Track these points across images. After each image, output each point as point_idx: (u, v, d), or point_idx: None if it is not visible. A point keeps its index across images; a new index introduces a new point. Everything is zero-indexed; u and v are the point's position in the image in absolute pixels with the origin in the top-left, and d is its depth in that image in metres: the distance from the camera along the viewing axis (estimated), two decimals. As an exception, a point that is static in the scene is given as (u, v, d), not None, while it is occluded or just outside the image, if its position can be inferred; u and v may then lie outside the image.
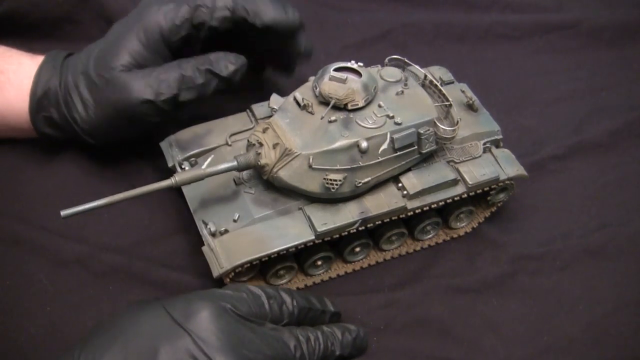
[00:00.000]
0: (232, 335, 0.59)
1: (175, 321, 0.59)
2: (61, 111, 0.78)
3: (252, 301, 0.63)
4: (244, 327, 0.61)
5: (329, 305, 0.71)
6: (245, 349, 0.59)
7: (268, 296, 0.65)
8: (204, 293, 0.63)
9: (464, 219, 0.81)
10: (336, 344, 0.68)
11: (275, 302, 0.65)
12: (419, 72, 0.79)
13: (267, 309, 0.64)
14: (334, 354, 0.68)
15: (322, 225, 0.70)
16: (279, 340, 0.63)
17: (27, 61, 0.80)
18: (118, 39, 0.76)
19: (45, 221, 0.78)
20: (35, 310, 0.72)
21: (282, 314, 0.65)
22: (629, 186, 0.88)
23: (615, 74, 1.00)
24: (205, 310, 0.59)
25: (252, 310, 0.63)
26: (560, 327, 0.75)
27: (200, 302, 0.60)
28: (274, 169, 0.69)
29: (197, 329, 0.59)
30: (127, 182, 0.82)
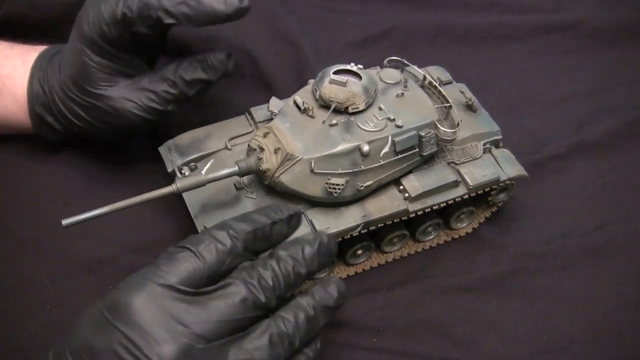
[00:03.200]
0: (163, 316, 0.55)
1: (104, 317, 0.56)
2: (60, 121, 0.78)
3: (181, 262, 0.57)
4: (176, 301, 0.56)
5: (281, 211, 0.64)
6: (180, 325, 0.55)
7: (197, 246, 0.58)
8: (131, 278, 0.58)
9: (464, 220, 0.81)
10: (298, 265, 0.61)
11: (206, 248, 0.58)
12: (417, 73, 0.79)
13: (200, 263, 0.57)
14: (300, 275, 0.61)
15: (324, 230, 0.70)
16: (221, 299, 0.57)
17: (20, 65, 0.79)
18: (77, 58, 0.74)
19: (46, 220, 0.78)
20: (35, 309, 0.72)
21: (220, 257, 0.58)
22: (629, 186, 0.88)
23: (616, 74, 1.00)
24: (130, 298, 0.55)
25: (184, 274, 0.57)
26: (560, 327, 0.75)
27: (126, 290, 0.56)
28: (276, 174, 0.69)
29: (124, 321, 0.55)
30: (128, 181, 0.82)
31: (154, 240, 0.78)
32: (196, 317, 0.55)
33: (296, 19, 0.99)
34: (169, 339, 0.54)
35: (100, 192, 0.81)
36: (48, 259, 0.76)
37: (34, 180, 0.82)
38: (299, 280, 0.61)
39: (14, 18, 0.89)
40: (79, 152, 0.84)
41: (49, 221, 0.76)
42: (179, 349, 0.54)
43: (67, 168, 0.83)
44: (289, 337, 0.59)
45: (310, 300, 0.61)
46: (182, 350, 0.54)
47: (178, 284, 0.56)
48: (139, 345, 0.54)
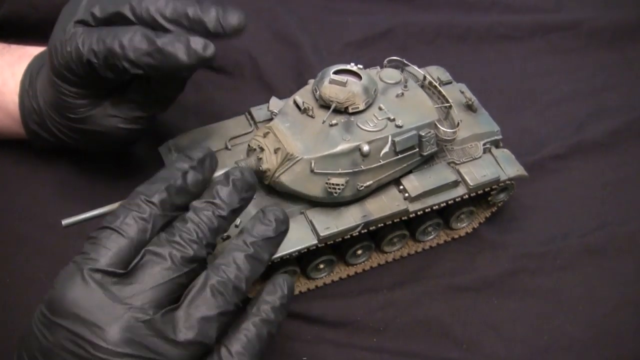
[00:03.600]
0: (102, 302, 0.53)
1: (45, 316, 0.54)
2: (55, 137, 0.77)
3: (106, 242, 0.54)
4: (112, 282, 0.54)
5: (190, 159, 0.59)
6: (124, 303, 0.53)
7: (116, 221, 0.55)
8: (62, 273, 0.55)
9: (464, 220, 0.81)
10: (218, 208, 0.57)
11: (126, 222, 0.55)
12: (417, 73, 0.79)
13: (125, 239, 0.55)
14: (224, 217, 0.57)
15: (324, 230, 0.70)
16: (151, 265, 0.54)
17: (9, 78, 0.78)
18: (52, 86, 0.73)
19: (46, 220, 0.78)
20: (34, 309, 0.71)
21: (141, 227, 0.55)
22: (629, 186, 0.88)
23: (616, 74, 1.00)
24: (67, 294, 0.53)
25: (112, 253, 0.54)
26: (560, 327, 0.76)
27: (61, 288, 0.54)
28: (276, 174, 0.69)
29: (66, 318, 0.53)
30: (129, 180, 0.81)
31: (153, 239, 0.78)
32: (131, 291, 0.53)
33: (296, 19, 0.99)
34: (110, 321, 0.52)
35: (100, 192, 0.81)
36: (48, 259, 0.76)
37: (34, 180, 0.82)
38: (224, 223, 0.58)
39: (14, 18, 0.90)
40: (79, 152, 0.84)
41: (49, 221, 0.76)
42: (124, 328, 0.52)
43: (67, 168, 0.83)
44: (231, 282, 0.55)
45: (247, 236, 0.58)
46: (126, 328, 0.52)
47: (107, 266, 0.54)
48: (83, 336, 0.52)
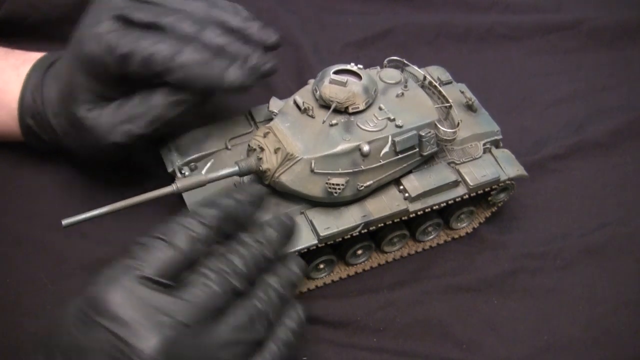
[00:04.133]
0: (145, 309, 0.54)
1: (85, 314, 0.54)
2: (51, 136, 0.77)
3: (156, 252, 0.56)
4: (156, 293, 0.54)
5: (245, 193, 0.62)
6: (164, 315, 0.54)
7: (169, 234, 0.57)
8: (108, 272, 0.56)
9: (464, 220, 0.82)
10: (266, 249, 0.60)
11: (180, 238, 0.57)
12: (417, 73, 0.79)
13: (176, 253, 0.56)
14: (269, 259, 0.60)
15: (324, 230, 0.70)
16: (199, 286, 0.56)
17: (14, 78, 0.78)
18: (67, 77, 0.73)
19: (46, 219, 0.78)
20: (35, 309, 0.72)
21: (193, 246, 0.57)
22: (629, 186, 0.88)
23: (616, 74, 1.00)
24: (111, 295, 0.54)
25: (160, 265, 0.55)
26: (560, 327, 0.76)
27: (105, 288, 0.54)
28: (276, 174, 0.69)
29: (109, 319, 0.53)
30: (128, 181, 0.82)
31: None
32: (177, 306, 0.54)
33: (296, 19, 0.99)
34: (154, 329, 0.53)
35: (100, 192, 0.81)
36: (48, 259, 0.76)
37: (34, 181, 0.82)
38: (267, 264, 0.61)
39: (14, 18, 0.90)
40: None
41: (49, 221, 0.76)
42: (165, 340, 0.53)
43: (67, 168, 0.83)
44: (265, 313, 0.58)
45: (277, 279, 0.61)
46: (168, 341, 0.53)
47: (154, 275, 0.55)
48: (126, 340, 0.53)
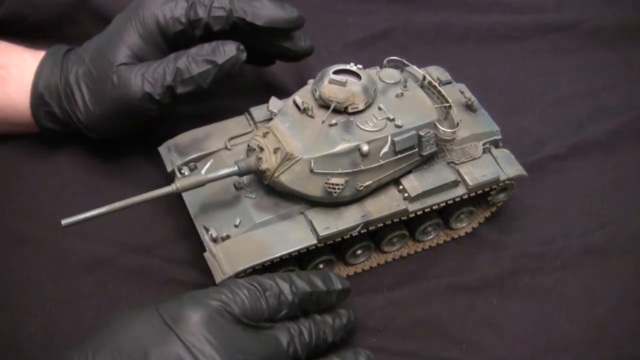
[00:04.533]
0: (224, 339, 0.59)
1: (167, 325, 0.58)
2: (62, 106, 0.78)
3: (247, 298, 0.62)
4: (238, 329, 0.60)
5: (336, 283, 0.68)
6: (238, 353, 0.59)
7: (264, 289, 0.63)
8: (197, 294, 0.61)
9: (464, 220, 0.81)
10: (328, 332, 0.67)
11: (272, 294, 0.63)
12: (417, 73, 0.79)
13: (264, 304, 0.62)
14: (327, 341, 0.67)
15: (324, 230, 0.70)
16: (272, 339, 0.62)
17: (29, 57, 0.80)
18: (116, 32, 0.76)
19: (46, 219, 0.78)
20: (35, 308, 0.72)
21: (280, 305, 0.64)
22: (629, 186, 0.88)
23: (616, 74, 1.00)
24: (197, 314, 0.59)
25: (247, 308, 0.61)
26: (560, 327, 0.76)
27: (193, 305, 0.60)
28: (275, 174, 0.69)
29: (188, 334, 0.58)
30: (128, 181, 0.83)
31: (153, 240, 0.78)
32: (248, 348, 0.60)
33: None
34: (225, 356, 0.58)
35: (100, 192, 0.81)
36: (48, 258, 0.76)
37: (34, 181, 0.82)
38: (325, 344, 0.67)
39: (14, 18, 0.90)
40: (79, 152, 0.84)
41: (48, 221, 0.76)
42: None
43: (66, 168, 0.83)
44: None
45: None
46: None
47: (240, 315, 0.61)
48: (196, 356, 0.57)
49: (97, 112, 0.77)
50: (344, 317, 0.69)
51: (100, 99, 0.76)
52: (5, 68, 0.79)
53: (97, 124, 0.78)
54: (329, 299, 0.68)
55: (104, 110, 0.76)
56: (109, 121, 0.77)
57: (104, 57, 0.76)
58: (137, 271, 0.76)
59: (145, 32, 0.76)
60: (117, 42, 0.76)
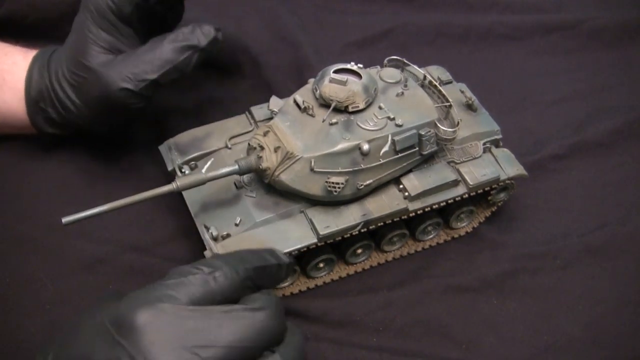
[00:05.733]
0: (173, 336, 0.53)
1: (110, 332, 0.53)
2: (57, 110, 0.78)
3: (194, 283, 0.56)
4: (186, 320, 0.54)
5: (284, 259, 0.62)
6: (195, 344, 0.53)
7: (211, 269, 0.57)
8: (140, 293, 0.56)
9: (464, 219, 0.81)
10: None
11: (222, 275, 0.57)
12: (417, 73, 0.79)
13: (216, 288, 0.56)
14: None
15: (324, 228, 0.70)
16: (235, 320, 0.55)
17: (20, 59, 0.80)
18: (79, 31, 0.75)
19: (46, 219, 0.78)
20: (35, 309, 0.72)
21: (233, 286, 0.57)
22: (629, 186, 0.88)
23: (616, 74, 1.00)
24: (140, 317, 0.53)
25: (196, 295, 0.55)
26: (560, 327, 0.76)
27: (134, 307, 0.53)
28: (276, 173, 0.69)
29: (132, 340, 0.53)
30: (128, 180, 0.83)
31: (153, 239, 0.78)
32: (205, 341, 0.54)
33: (296, 19, 0.99)
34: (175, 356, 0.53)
35: (100, 191, 0.81)
36: (48, 258, 0.76)
37: (34, 180, 0.82)
38: None
39: (13, 18, 0.90)
40: (79, 151, 0.84)
41: (48, 221, 0.76)
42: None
43: (66, 167, 0.83)
44: None
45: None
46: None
47: (188, 304, 0.55)
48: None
49: (85, 113, 0.76)
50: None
51: (85, 99, 0.76)
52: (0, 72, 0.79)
53: (88, 123, 0.78)
54: (279, 274, 0.61)
55: (92, 110, 0.76)
56: (99, 119, 0.77)
57: (76, 59, 0.75)
58: (138, 270, 0.76)
59: (103, 23, 0.74)
60: (83, 41, 0.75)
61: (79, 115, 0.77)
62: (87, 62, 0.74)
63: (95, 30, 0.74)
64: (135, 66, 0.73)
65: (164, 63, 0.73)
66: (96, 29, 0.74)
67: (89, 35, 0.74)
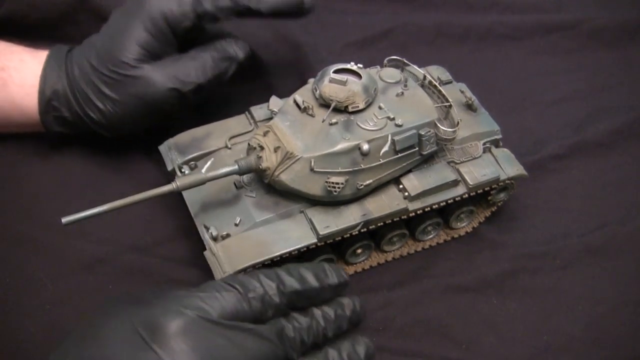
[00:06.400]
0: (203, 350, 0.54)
1: (140, 336, 0.54)
2: (73, 109, 0.78)
3: (226, 302, 0.57)
4: (216, 334, 0.55)
5: (331, 277, 0.63)
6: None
7: (247, 290, 0.58)
8: (171, 300, 0.56)
9: (464, 219, 0.82)
10: (328, 327, 0.62)
11: (255, 296, 0.58)
12: (417, 73, 0.79)
13: (246, 307, 0.57)
14: (327, 337, 0.62)
15: (324, 228, 0.70)
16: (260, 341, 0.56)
17: (29, 58, 0.80)
18: (123, 30, 0.77)
19: (46, 219, 0.78)
20: (34, 308, 0.72)
21: (265, 307, 0.58)
22: (629, 186, 0.88)
23: (616, 74, 1.00)
24: (172, 324, 0.54)
25: (227, 311, 0.57)
26: (560, 327, 0.76)
27: (167, 314, 0.55)
28: (276, 173, 0.69)
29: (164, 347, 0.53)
30: (128, 180, 0.83)
31: (153, 239, 0.78)
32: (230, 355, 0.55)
33: (296, 18, 0.99)
34: None
35: (100, 191, 0.81)
36: (48, 258, 0.76)
37: (34, 180, 0.82)
38: (324, 340, 0.62)
39: (14, 18, 0.90)
40: (79, 151, 0.84)
41: (48, 221, 0.76)
42: None
43: (66, 167, 0.83)
44: None
45: (337, 355, 0.61)
46: None
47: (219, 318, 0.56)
48: None
49: (117, 111, 0.77)
50: (348, 308, 0.63)
51: (122, 100, 0.76)
52: (6, 70, 0.79)
53: (116, 122, 0.78)
54: (322, 295, 0.62)
55: (125, 109, 0.77)
56: (130, 119, 0.78)
57: (115, 57, 0.76)
58: (137, 270, 0.76)
59: (154, 29, 0.76)
60: (125, 41, 0.76)
61: (103, 114, 0.77)
62: (130, 61, 0.75)
63: (144, 34, 0.76)
64: (183, 70, 0.77)
65: (207, 70, 0.78)
66: (145, 33, 0.76)
67: (134, 35, 0.76)
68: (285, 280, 0.60)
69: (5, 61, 0.79)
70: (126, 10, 0.78)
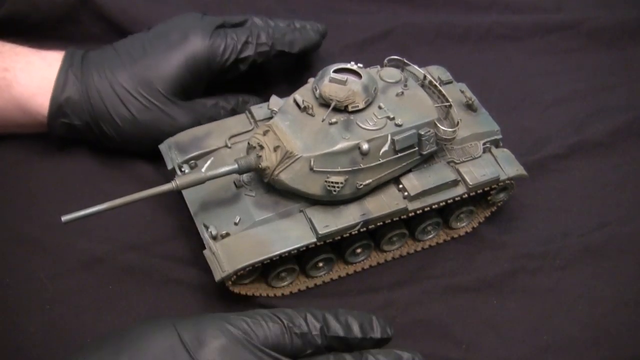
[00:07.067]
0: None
1: (185, 348, 0.56)
2: (85, 119, 0.79)
3: (270, 332, 0.59)
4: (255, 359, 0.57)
5: (376, 331, 0.63)
6: None
7: (291, 325, 0.59)
8: (218, 318, 0.58)
9: (464, 219, 0.81)
10: None
11: (299, 332, 0.59)
12: (418, 73, 0.79)
13: (287, 341, 0.59)
14: None
15: (323, 228, 0.70)
16: None
17: (36, 59, 0.80)
18: (162, 60, 0.79)
19: (46, 219, 0.78)
20: (34, 308, 0.72)
21: (305, 345, 0.60)
22: (629, 186, 0.88)
23: (616, 74, 1.00)
24: (217, 341, 0.56)
25: (269, 341, 0.58)
26: (560, 327, 0.75)
27: (213, 330, 0.57)
28: (275, 172, 0.69)
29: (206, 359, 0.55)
30: (128, 179, 0.83)
31: (153, 238, 0.78)
32: None
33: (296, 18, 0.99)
34: None
35: (100, 190, 0.81)
36: (47, 257, 0.76)
37: (34, 179, 0.82)
38: None
39: (15, 18, 0.90)
40: (79, 151, 0.84)
41: (48, 220, 0.77)
42: None
43: (66, 167, 0.83)
44: None
45: None
46: None
47: (261, 345, 0.58)
48: None
49: (132, 132, 0.79)
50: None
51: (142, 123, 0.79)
52: (11, 71, 0.79)
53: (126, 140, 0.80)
54: (362, 345, 0.63)
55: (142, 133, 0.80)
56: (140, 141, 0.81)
57: (151, 84, 0.78)
58: (137, 270, 0.76)
59: (194, 67, 0.79)
60: (165, 73, 0.79)
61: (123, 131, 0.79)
62: (166, 93, 0.79)
63: (184, 71, 0.79)
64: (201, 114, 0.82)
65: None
66: (185, 70, 0.79)
67: (172, 68, 0.79)
68: (330, 324, 0.61)
69: (10, 62, 0.79)
70: (168, 39, 0.80)
